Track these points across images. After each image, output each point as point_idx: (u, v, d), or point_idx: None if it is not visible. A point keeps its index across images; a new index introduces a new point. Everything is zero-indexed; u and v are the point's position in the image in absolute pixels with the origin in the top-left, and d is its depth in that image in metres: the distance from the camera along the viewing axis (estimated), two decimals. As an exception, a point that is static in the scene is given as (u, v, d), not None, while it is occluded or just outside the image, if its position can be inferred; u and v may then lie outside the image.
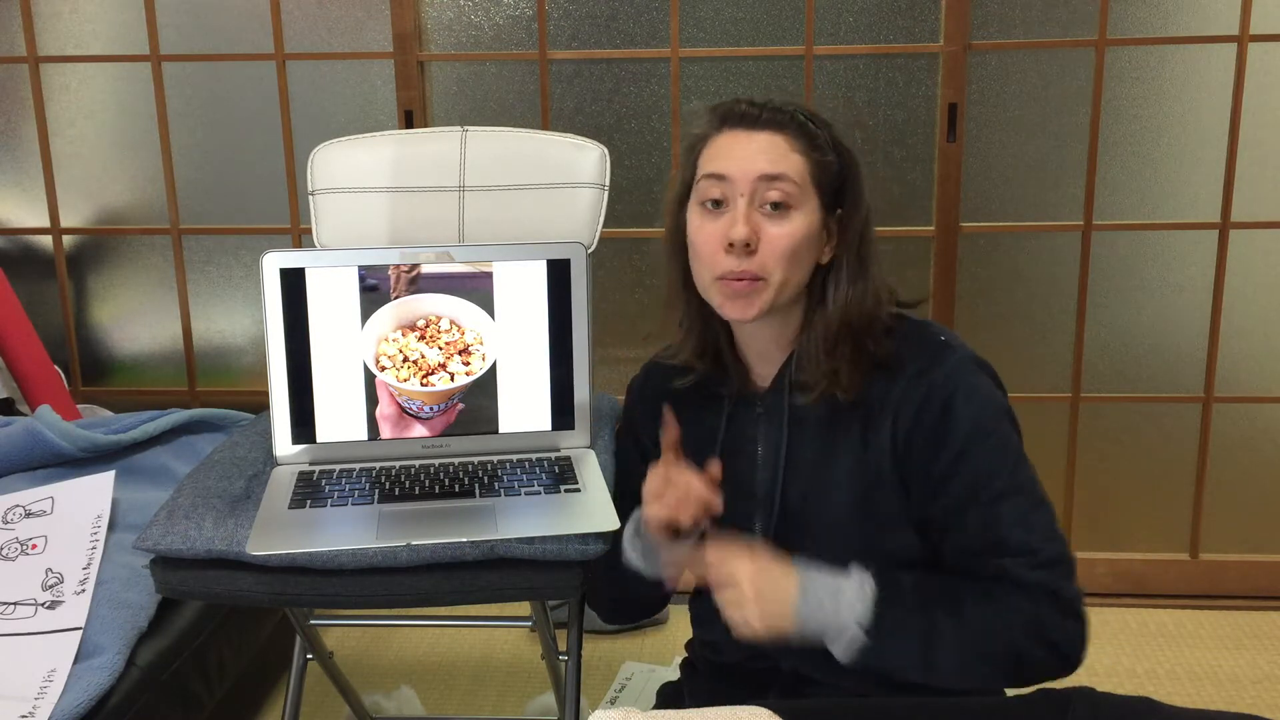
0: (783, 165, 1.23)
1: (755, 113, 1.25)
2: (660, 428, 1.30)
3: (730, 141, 1.25)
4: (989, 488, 1.21)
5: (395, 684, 2.26)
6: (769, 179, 1.23)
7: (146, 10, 2.52)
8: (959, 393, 1.22)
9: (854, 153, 1.29)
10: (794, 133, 1.24)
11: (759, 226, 1.23)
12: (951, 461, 1.22)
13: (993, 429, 1.22)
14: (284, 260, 1.39)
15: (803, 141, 1.24)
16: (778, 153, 1.24)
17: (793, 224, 1.23)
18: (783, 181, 1.23)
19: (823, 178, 1.25)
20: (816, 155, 1.24)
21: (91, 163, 2.63)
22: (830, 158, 1.25)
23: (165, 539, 1.28)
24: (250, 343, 2.70)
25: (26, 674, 1.51)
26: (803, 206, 1.24)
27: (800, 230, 1.23)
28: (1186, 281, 2.51)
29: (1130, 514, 2.62)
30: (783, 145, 1.24)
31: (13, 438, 1.98)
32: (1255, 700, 2.23)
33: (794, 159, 1.24)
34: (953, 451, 1.22)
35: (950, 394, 1.22)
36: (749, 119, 1.25)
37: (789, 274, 1.24)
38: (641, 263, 2.58)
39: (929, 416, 1.22)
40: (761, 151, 1.24)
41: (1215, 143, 2.44)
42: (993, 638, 1.18)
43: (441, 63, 2.52)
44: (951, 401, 1.22)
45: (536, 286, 1.42)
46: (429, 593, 1.28)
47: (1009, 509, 1.20)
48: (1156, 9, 2.39)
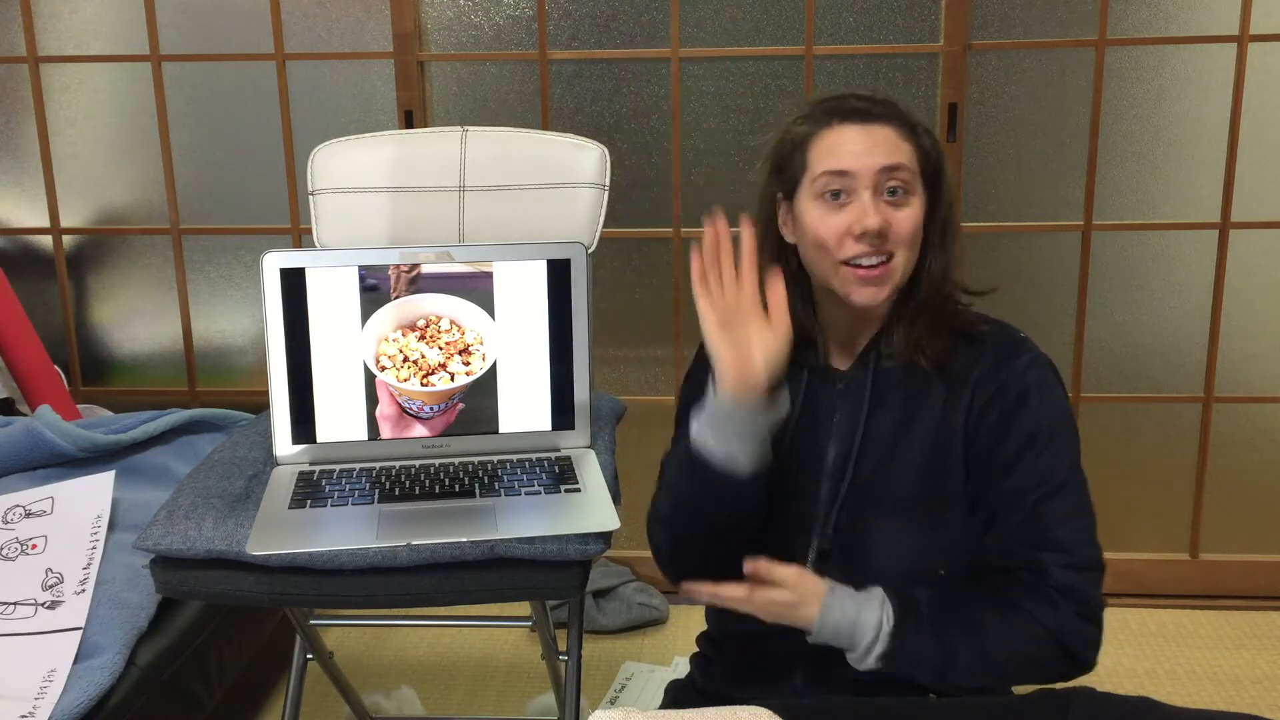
0: (899, 155, 1.29)
1: (867, 107, 1.31)
2: None
3: (846, 136, 1.30)
4: (1047, 482, 1.26)
5: (395, 684, 2.26)
6: (889, 170, 1.28)
7: (146, 10, 2.52)
8: (1036, 387, 1.28)
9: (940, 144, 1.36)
10: (901, 124, 1.31)
11: (887, 214, 1.28)
12: (1019, 450, 1.27)
13: (1060, 429, 1.28)
14: (284, 260, 1.39)
15: (909, 132, 1.31)
16: (893, 144, 1.29)
17: (913, 208, 1.29)
18: (902, 171, 1.28)
19: (926, 165, 1.32)
20: (923, 149, 1.32)
21: (91, 163, 2.63)
22: (929, 147, 1.33)
23: (165, 539, 1.28)
24: (250, 343, 2.70)
25: (26, 674, 1.51)
26: (917, 192, 1.30)
27: (918, 214, 1.30)
28: (1186, 281, 2.51)
29: (1130, 514, 2.62)
30: (895, 137, 1.30)
31: (13, 438, 1.98)
32: (1255, 700, 2.23)
33: (906, 148, 1.30)
34: (1021, 439, 1.27)
35: (1028, 386, 1.28)
36: (862, 113, 1.30)
37: (910, 256, 1.30)
38: (641, 263, 2.58)
39: (1004, 402, 1.28)
40: (880, 144, 1.29)
41: (1215, 143, 2.44)
42: (1009, 655, 1.25)
43: (441, 63, 2.52)
44: (1027, 393, 1.28)
45: (536, 286, 1.42)
46: (429, 592, 1.28)
47: (1060, 505, 1.26)
48: (1156, 9, 2.39)
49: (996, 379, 1.29)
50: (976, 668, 1.24)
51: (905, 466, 1.31)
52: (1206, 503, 2.59)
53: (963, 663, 1.24)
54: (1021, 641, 1.24)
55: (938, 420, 1.30)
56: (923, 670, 1.25)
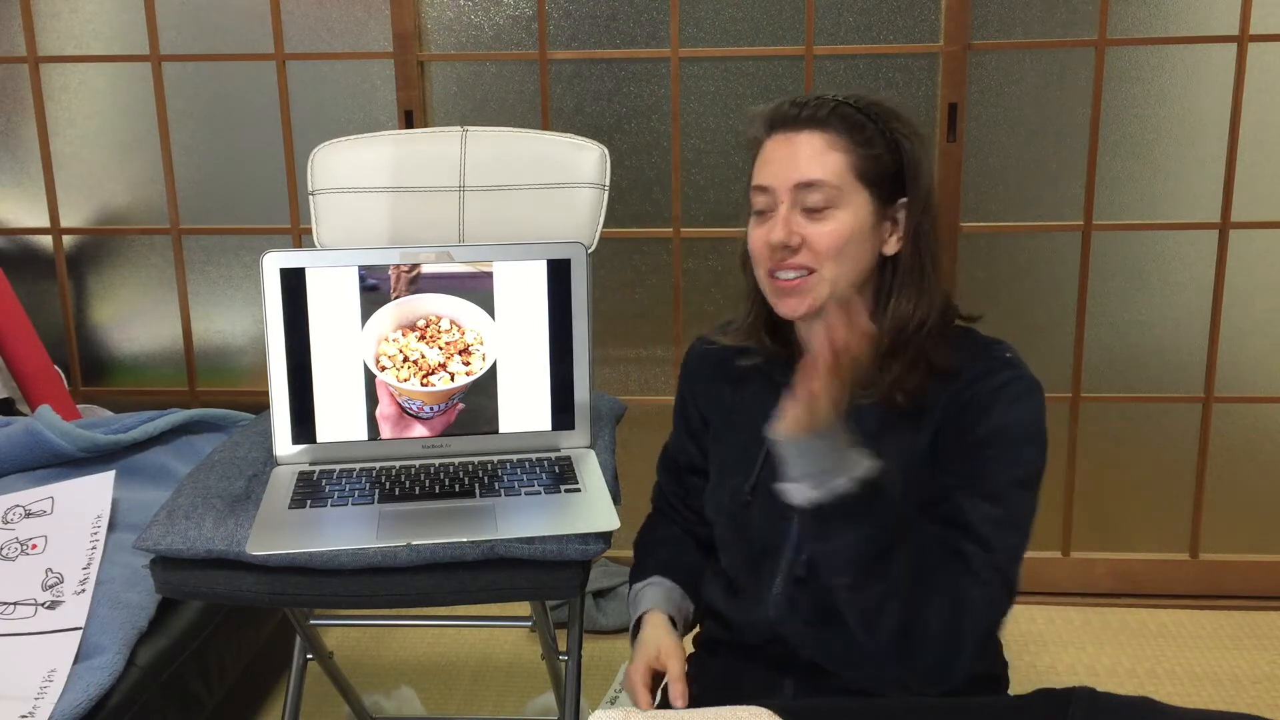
0: (818, 169, 1.24)
1: (795, 112, 1.27)
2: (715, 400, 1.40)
3: (773, 148, 1.28)
4: (983, 484, 1.21)
5: (395, 684, 2.26)
6: (805, 186, 1.24)
7: (146, 10, 2.52)
8: (1004, 398, 1.24)
9: (912, 142, 1.28)
10: (835, 128, 1.25)
11: (799, 228, 1.25)
12: (968, 448, 1.23)
13: (1017, 442, 1.23)
14: (284, 260, 1.39)
15: (845, 136, 1.25)
16: (814, 154, 1.25)
17: (835, 222, 1.25)
18: (818, 188, 1.24)
19: (870, 170, 1.25)
20: (861, 150, 1.25)
21: (91, 163, 2.63)
22: (878, 150, 1.25)
23: (165, 539, 1.28)
24: (250, 343, 2.70)
25: (26, 674, 1.51)
26: (847, 204, 1.25)
27: (844, 228, 1.25)
28: (1186, 281, 2.51)
29: (1130, 514, 2.62)
30: (820, 144, 1.25)
31: (13, 438, 1.98)
32: (1255, 700, 2.23)
33: (832, 158, 1.24)
34: (973, 439, 1.23)
35: (995, 397, 1.24)
36: (789, 120, 1.27)
37: (838, 269, 1.26)
38: (641, 263, 2.58)
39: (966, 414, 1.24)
40: (798, 157, 1.25)
41: (1215, 143, 2.44)
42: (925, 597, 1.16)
43: (441, 63, 2.52)
44: (993, 401, 1.24)
45: (536, 286, 1.42)
46: (429, 592, 1.28)
47: (988, 510, 1.20)
48: (1156, 9, 2.39)
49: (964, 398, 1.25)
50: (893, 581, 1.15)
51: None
52: (1206, 503, 2.59)
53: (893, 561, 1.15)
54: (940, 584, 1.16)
55: (907, 451, 1.26)
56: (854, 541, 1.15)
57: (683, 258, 2.56)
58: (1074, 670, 2.33)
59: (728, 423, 1.43)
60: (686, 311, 2.56)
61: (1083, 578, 2.62)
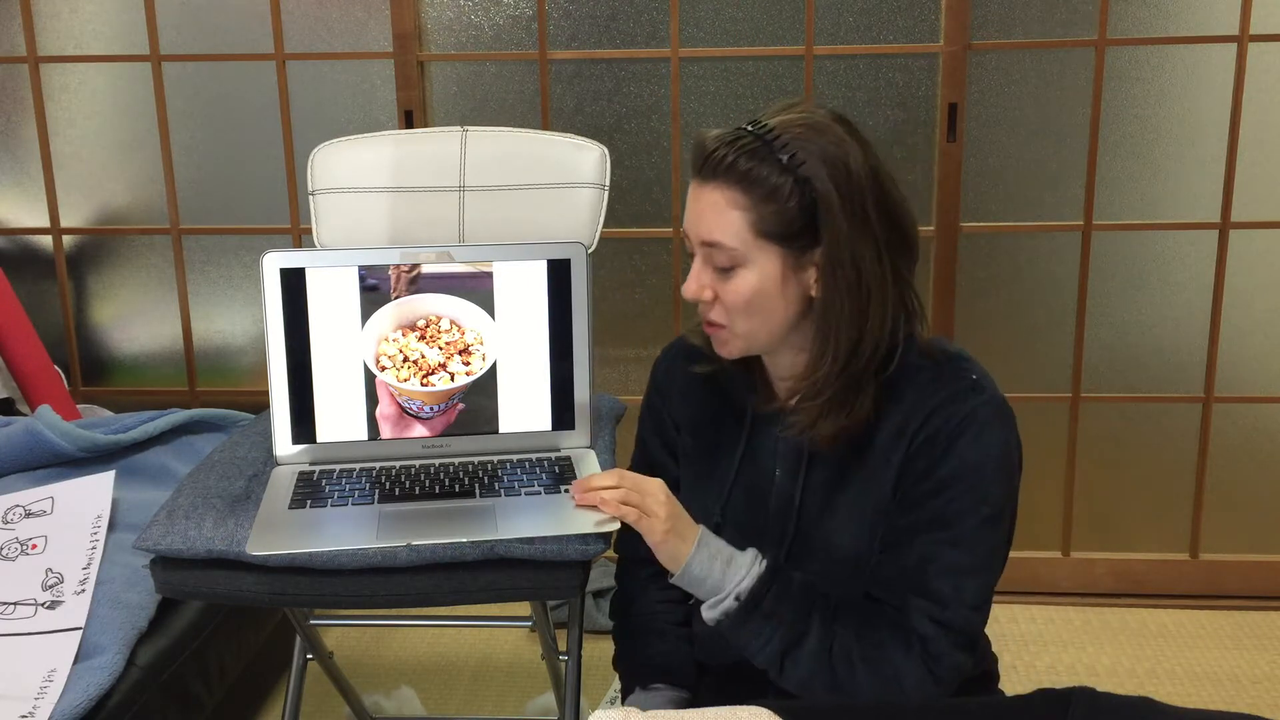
0: (718, 231, 1.20)
1: (699, 162, 1.21)
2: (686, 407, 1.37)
3: (690, 195, 1.24)
4: (945, 529, 1.20)
5: (395, 684, 2.26)
6: (709, 245, 1.22)
7: (146, 10, 2.52)
8: (968, 432, 1.20)
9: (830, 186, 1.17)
10: (735, 184, 1.18)
11: (710, 282, 1.23)
12: (930, 489, 1.21)
13: (981, 478, 1.20)
14: (284, 260, 1.38)
15: (744, 194, 1.18)
16: (717, 214, 1.20)
17: (740, 280, 1.21)
18: (720, 249, 1.20)
19: (775, 226, 1.18)
20: (764, 207, 1.18)
21: (91, 163, 2.63)
22: (781, 204, 1.17)
23: (165, 539, 1.28)
24: (250, 343, 2.70)
25: (26, 674, 1.51)
26: (752, 262, 1.20)
27: (750, 285, 1.21)
28: (1186, 281, 2.51)
29: (1130, 514, 2.62)
30: (721, 203, 1.19)
31: (13, 438, 1.98)
32: (1255, 700, 2.23)
33: (731, 218, 1.19)
34: (935, 480, 1.21)
35: (960, 431, 1.20)
36: (697, 167, 1.22)
37: (751, 324, 1.24)
38: (641, 263, 2.58)
39: (932, 447, 1.21)
40: (703, 214, 1.21)
41: (1215, 143, 2.44)
42: (847, 667, 1.20)
43: (441, 63, 2.52)
44: (958, 437, 1.20)
45: (537, 286, 1.42)
46: (429, 593, 1.28)
47: (950, 558, 1.20)
48: (1156, 9, 2.39)
49: (928, 429, 1.21)
50: (816, 662, 1.20)
51: (846, 524, 1.27)
52: (1206, 503, 2.59)
53: (808, 649, 1.20)
54: (864, 663, 1.20)
55: (869, 480, 1.25)
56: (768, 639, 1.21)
57: (682, 258, 2.56)
58: (1074, 670, 2.33)
59: (697, 434, 1.41)
60: (686, 311, 2.56)
61: (1083, 578, 2.62)
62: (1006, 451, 1.22)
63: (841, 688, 1.21)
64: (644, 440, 1.49)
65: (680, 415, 1.43)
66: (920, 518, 1.22)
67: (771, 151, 1.18)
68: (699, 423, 1.41)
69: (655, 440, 1.46)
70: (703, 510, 1.34)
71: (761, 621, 1.22)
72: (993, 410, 1.22)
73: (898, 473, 1.24)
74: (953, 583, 1.20)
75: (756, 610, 1.21)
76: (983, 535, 1.21)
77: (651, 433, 1.47)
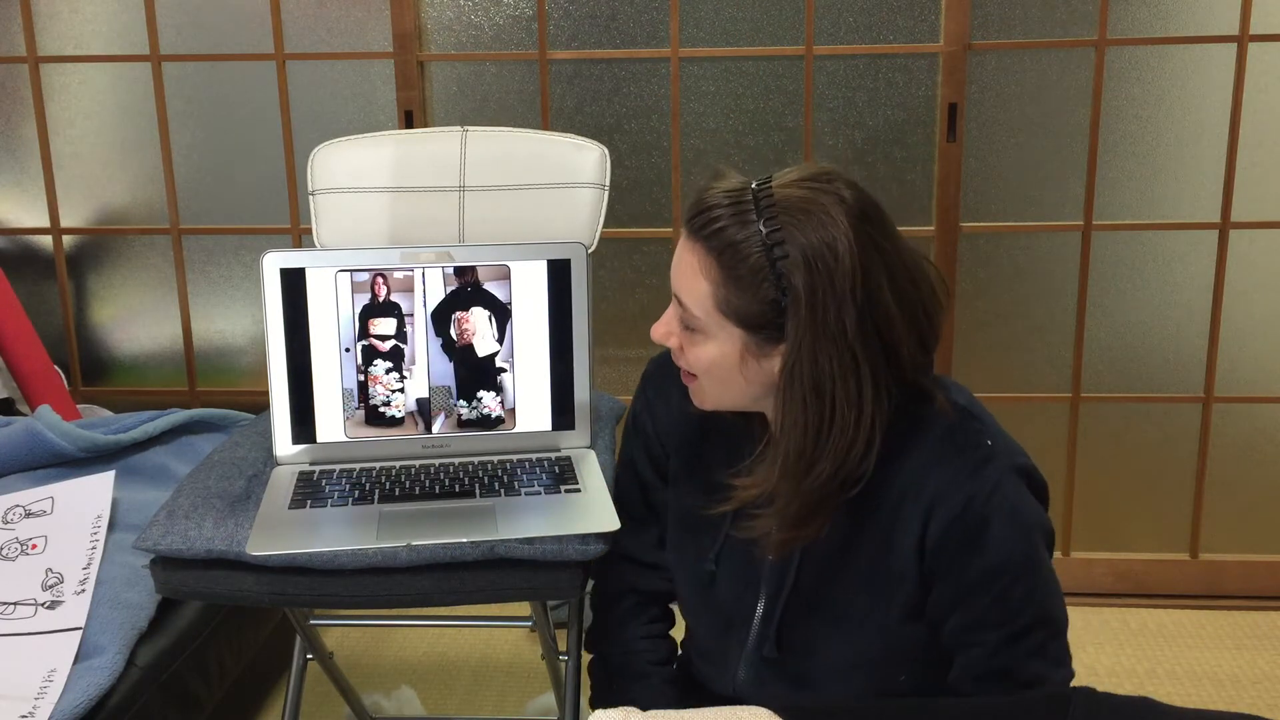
0: (686, 294, 1.14)
1: (691, 213, 1.14)
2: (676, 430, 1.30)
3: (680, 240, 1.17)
4: (1018, 617, 1.15)
5: (395, 684, 2.26)
6: (678, 301, 1.16)
7: (146, 10, 2.52)
8: (1001, 511, 1.13)
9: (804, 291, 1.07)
10: (714, 255, 1.11)
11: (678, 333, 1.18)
12: (982, 578, 1.14)
13: (1029, 556, 1.14)
14: (284, 260, 1.39)
15: (719, 269, 1.10)
16: (690, 276, 1.13)
17: (700, 347, 1.16)
18: (686, 312, 1.15)
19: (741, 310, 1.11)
20: (731, 288, 1.10)
21: (91, 163, 2.63)
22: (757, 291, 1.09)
23: (165, 539, 1.28)
24: (250, 343, 2.70)
25: (26, 674, 1.51)
26: (714, 334, 1.14)
27: (710, 355, 1.15)
28: (1186, 281, 2.51)
29: (1130, 514, 2.62)
30: (696, 267, 1.12)
31: (13, 438, 1.98)
32: (1255, 700, 2.23)
33: (700, 286, 1.12)
34: (985, 566, 1.14)
35: (991, 510, 1.13)
36: (687, 216, 1.15)
37: (715, 388, 1.18)
38: (641, 263, 2.58)
39: (964, 528, 1.14)
40: (679, 269, 1.15)
41: (1215, 143, 2.44)
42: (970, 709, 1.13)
43: (441, 63, 2.52)
44: (991, 518, 1.13)
45: (537, 286, 1.42)
46: (429, 593, 1.28)
47: (1031, 642, 1.15)
48: (1156, 9, 2.39)
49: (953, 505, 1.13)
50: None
51: (851, 583, 1.20)
52: (1206, 503, 2.59)
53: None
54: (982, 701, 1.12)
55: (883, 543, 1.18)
56: None
57: (683, 258, 2.55)
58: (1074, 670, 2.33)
59: (690, 467, 1.32)
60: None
61: (1083, 578, 2.62)
62: (1039, 516, 1.17)
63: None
64: (631, 460, 1.39)
65: (670, 440, 1.35)
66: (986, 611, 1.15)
67: (759, 231, 1.09)
68: (690, 455, 1.33)
69: (644, 459, 1.38)
70: (696, 556, 1.30)
71: None
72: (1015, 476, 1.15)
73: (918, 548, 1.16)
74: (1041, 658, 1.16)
75: None
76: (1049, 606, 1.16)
77: (640, 451, 1.38)
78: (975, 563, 1.14)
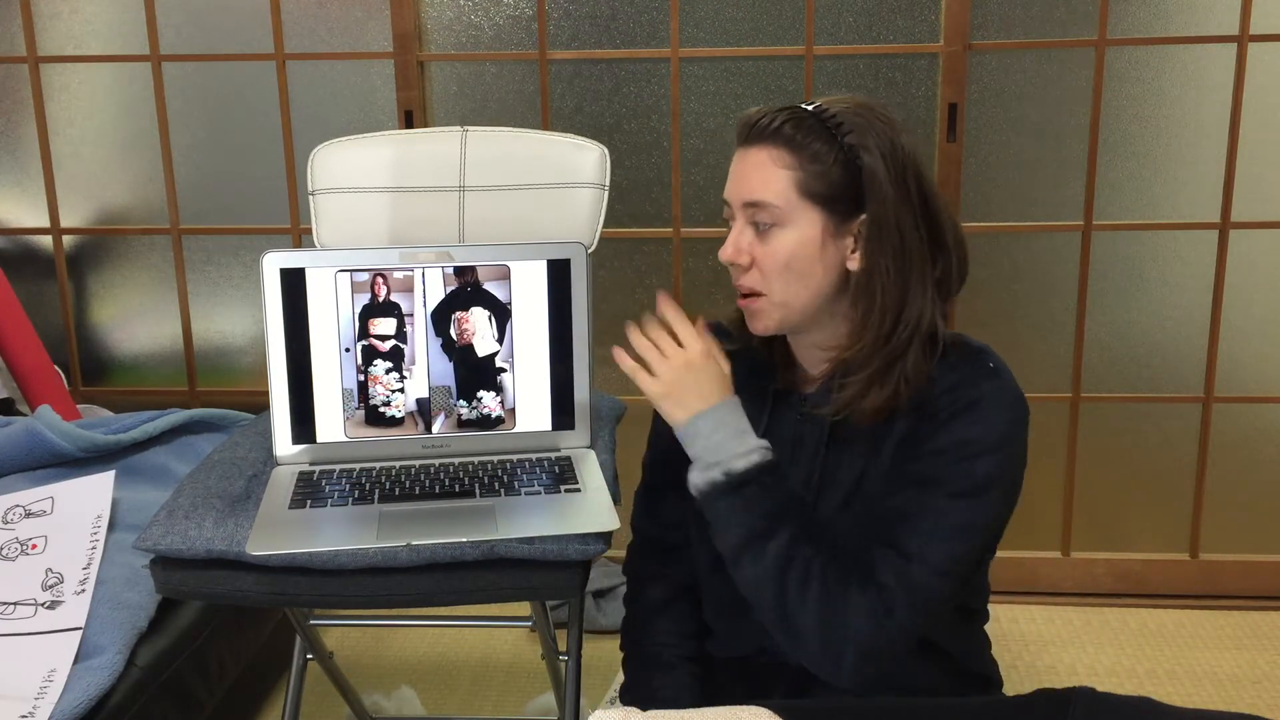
0: (760, 189, 1.22)
1: (746, 130, 1.24)
2: None
3: (735, 161, 1.27)
4: (934, 490, 1.21)
5: (395, 684, 2.26)
6: (752, 205, 1.23)
7: (146, 10, 2.52)
8: (973, 410, 1.22)
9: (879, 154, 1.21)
10: (784, 143, 1.21)
11: (749, 247, 1.24)
12: (921, 454, 1.23)
13: (979, 454, 1.21)
14: (284, 260, 1.38)
15: (793, 153, 1.21)
16: (761, 172, 1.22)
17: (779, 241, 1.23)
18: (762, 207, 1.22)
19: (820, 188, 1.21)
20: (810, 167, 1.21)
21: (91, 163, 2.63)
22: (827, 167, 1.20)
23: (165, 539, 1.28)
24: (250, 343, 2.70)
25: (26, 674, 1.51)
26: (794, 222, 1.22)
27: (788, 246, 1.22)
28: (1186, 281, 2.51)
29: (1130, 514, 2.62)
30: (767, 161, 1.22)
31: (13, 438, 1.98)
32: (1255, 700, 2.23)
33: (778, 175, 1.21)
34: (928, 448, 1.22)
35: (965, 408, 1.22)
36: (745, 133, 1.25)
37: (788, 288, 1.24)
38: (641, 263, 2.58)
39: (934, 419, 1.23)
40: (746, 174, 1.23)
41: (1215, 143, 2.44)
42: (800, 591, 1.18)
43: (441, 63, 2.52)
44: (961, 412, 1.22)
45: (537, 286, 1.42)
46: (429, 593, 1.28)
47: (929, 521, 1.20)
48: (1156, 9, 2.39)
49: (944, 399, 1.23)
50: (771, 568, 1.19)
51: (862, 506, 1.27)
52: (1206, 503, 2.59)
53: (769, 553, 1.19)
54: (820, 588, 1.18)
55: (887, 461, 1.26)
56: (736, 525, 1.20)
57: (683, 258, 2.56)
58: (1074, 670, 2.33)
59: None
60: (687, 311, 2.54)
61: (1083, 578, 2.62)
62: (1005, 435, 1.23)
63: (786, 606, 1.19)
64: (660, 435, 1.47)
65: None
66: (906, 477, 1.23)
67: (820, 121, 1.21)
68: None
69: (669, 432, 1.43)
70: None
71: (739, 505, 1.21)
72: (1002, 395, 1.23)
73: (898, 440, 1.24)
74: (919, 542, 1.19)
75: (737, 493, 1.21)
76: (958, 506, 1.20)
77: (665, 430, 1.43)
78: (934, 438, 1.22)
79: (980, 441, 1.21)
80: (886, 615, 1.17)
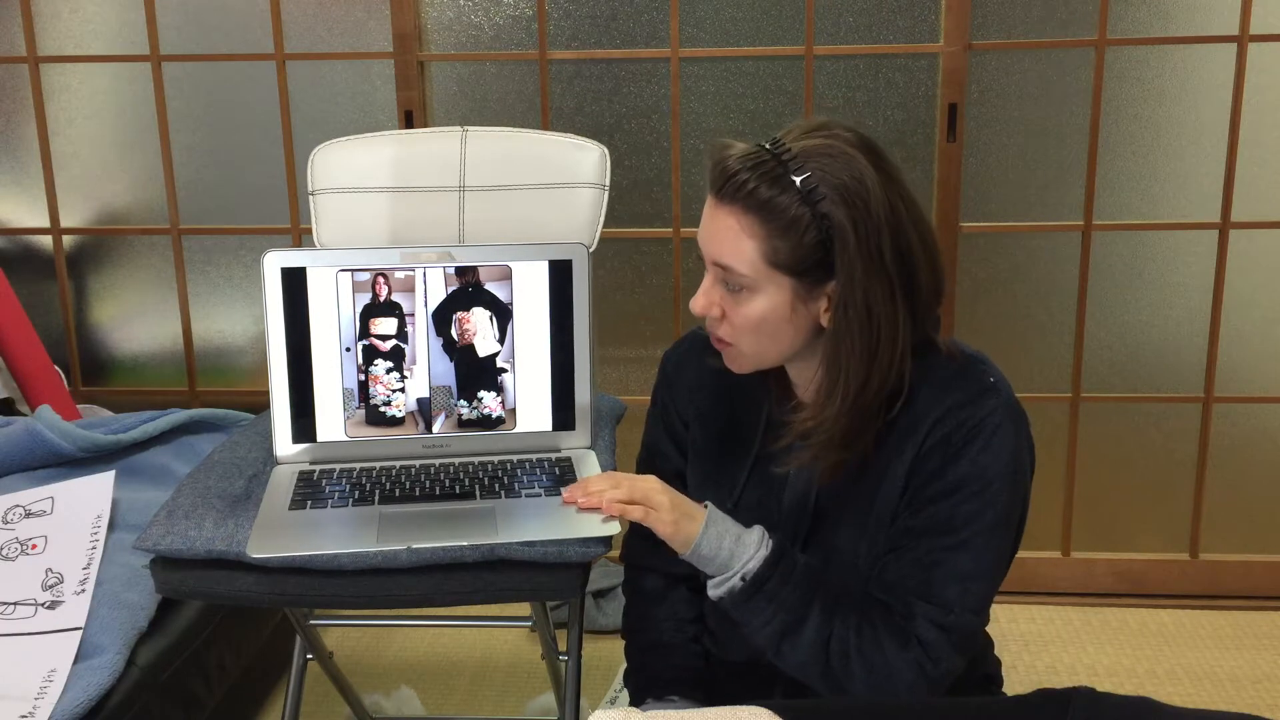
0: (730, 256, 1.19)
1: (719, 182, 1.20)
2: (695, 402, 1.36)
3: (705, 211, 1.24)
4: (952, 534, 1.21)
5: (395, 684, 2.26)
6: (721, 267, 1.21)
7: (146, 10, 2.52)
8: (980, 437, 1.21)
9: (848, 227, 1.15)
10: (754, 212, 1.17)
11: (720, 300, 1.24)
12: (938, 493, 1.21)
13: (991, 484, 1.21)
14: (284, 260, 1.38)
15: (761, 224, 1.17)
16: (732, 239, 1.19)
17: (749, 305, 1.21)
18: (732, 273, 1.20)
19: (789, 261, 1.17)
20: (780, 240, 1.16)
21: (91, 163, 2.63)
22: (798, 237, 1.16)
23: (165, 539, 1.28)
24: (250, 343, 2.70)
25: (26, 674, 1.51)
26: (762, 289, 1.19)
27: (758, 311, 1.21)
28: (1186, 281, 2.51)
29: (1130, 514, 2.62)
30: (736, 229, 1.18)
31: (13, 438, 1.98)
32: (1255, 700, 2.23)
33: (745, 246, 1.18)
34: (944, 484, 1.21)
35: (973, 435, 1.21)
36: (715, 184, 1.21)
37: (759, 344, 1.24)
38: (642, 263, 2.58)
39: (944, 449, 1.22)
40: (717, 235, 1.20)
41: (1215, 143, 2.44)
42: (842, 658, 1.21)
43: (441, 63, 2.52)
44: (971, 441, 1.21)
45: (538, 287, 1.42)
46: (429, 593, 1.28)
47: (956, 563, 1.21)
48: (1156, 9, 2.39)
49: (942, 429, 1.22)
50: (813, 650, 1.21)
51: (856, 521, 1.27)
52: (1206, 503, 2.59)
53: (806, 637, 1.21)
54: (860, 656, 1.21)
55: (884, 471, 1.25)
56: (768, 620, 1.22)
57: (683, 258, 2.56)
58: (1074, 670, 2.33)
59: (707, 427, 1.40)
60: (686, 311, 2.56)
61: (1083, 578, 2.62)
62: (1018, 458, 1.23)
63: (834, 677, 1.22)
64: (654, 440, 1.47)
65: (689, 410, 1.41)
66: (928, 521, 1.22)
67: (791, 181, 1.16)
68: (711, 416, 1.39)
69: (664, 437, 1.45)
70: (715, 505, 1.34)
71: (764, 603, 1.22)
72: (1007, 414, 1.22)
73: (908, 470, 1.24)
74: (958, 588, 1.21)
75: (760, 592, 1.22)
76: (990, 541, 1.21)
77: (660, 429, 1.45)
78: (941, 476, 1.21)
79: (994, 469, 1.21)
80: (934, 665, 1.20)
